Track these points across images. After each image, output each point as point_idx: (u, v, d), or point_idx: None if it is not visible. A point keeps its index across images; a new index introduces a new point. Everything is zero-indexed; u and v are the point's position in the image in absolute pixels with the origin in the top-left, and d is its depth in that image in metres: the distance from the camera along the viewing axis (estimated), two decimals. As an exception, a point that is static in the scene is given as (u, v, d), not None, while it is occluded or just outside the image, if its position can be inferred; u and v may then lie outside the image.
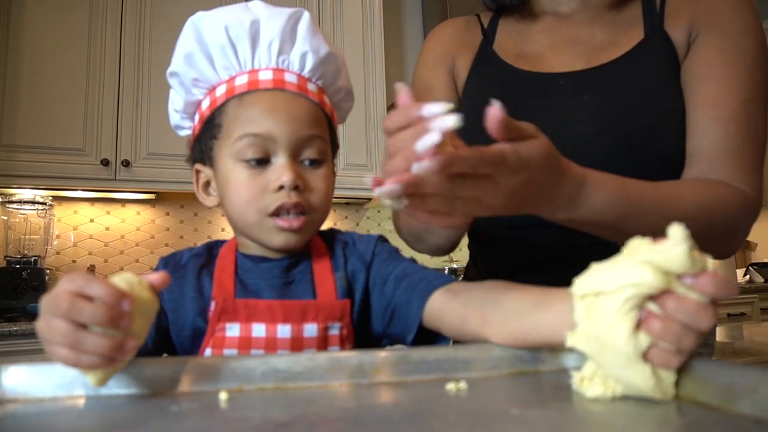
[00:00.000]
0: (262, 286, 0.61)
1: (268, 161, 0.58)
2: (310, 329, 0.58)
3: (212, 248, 0.65)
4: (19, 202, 2.07)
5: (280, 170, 0.57)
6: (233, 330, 0.57)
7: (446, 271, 2.54)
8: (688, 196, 0.58)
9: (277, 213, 0.58)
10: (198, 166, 0.64)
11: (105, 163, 2.03)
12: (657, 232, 0.55)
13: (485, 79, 0.77)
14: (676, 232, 0.31)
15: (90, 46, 2.08)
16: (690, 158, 0.66)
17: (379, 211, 2.84)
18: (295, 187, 0.58)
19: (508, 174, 0.43)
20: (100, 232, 2.30)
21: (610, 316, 0.31)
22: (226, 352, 0.56)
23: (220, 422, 0.32)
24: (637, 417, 0.30)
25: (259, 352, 0.57)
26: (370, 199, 2.62)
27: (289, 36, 0.61)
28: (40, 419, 0.34)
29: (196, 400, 0.37)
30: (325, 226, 0.66)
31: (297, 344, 0.58)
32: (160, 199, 2.36)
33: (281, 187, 0.57)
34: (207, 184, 0.64)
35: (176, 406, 0.35)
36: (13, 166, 1.93)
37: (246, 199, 0.58)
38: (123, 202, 2.34)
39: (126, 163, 2.06)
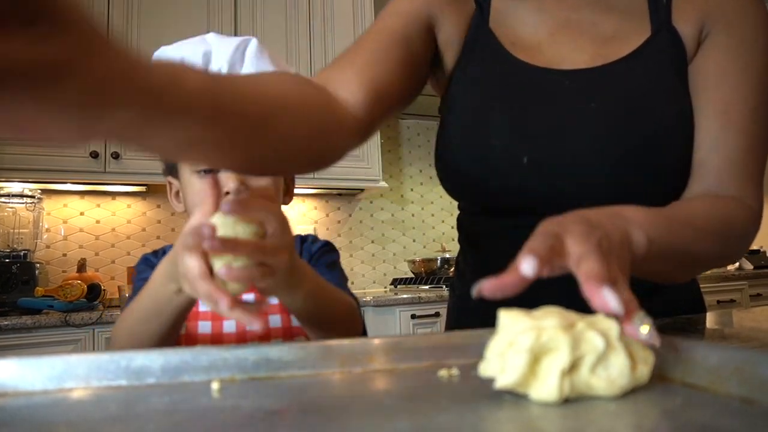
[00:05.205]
0: None
1: (218, 171, 0.66)
2: (274, 299, 0.68)
3: None
4: (8, 195, 2.05)
5: (226, 178, 0.65)
6: (203, 306, 0.68)
7: (438, 262, 2.54)
8: (702, 223, 0.55)
9: None
10: (169, 178, 0.76)
11: (94, 155, 2.01)
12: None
13: (486, 70, 0.67)
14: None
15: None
16: (697, 170, 0.62)
17: (371, 202, 2.84)
18: (240, 193, 0.67)
19: None
20: (90, 225, 2.29)
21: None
22: (200, 324, 0.70)
23: (212, 412, 0.32)
24: (627, 399, 0.31)
25: (230, 322, 0.67)
26: (362, 190, 2.62)
27: (238, 61, 0.71)
28: (30, 412, 0.34)
29: (187, 390, 0.37)
30: (318, 217, 0.71)
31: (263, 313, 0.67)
32: (150, 191, 2.35)
33: (227, 193, 0.65)
34: (177, 193, 0.76)
35: (168, 396, 0.35)
36: (1, 159, 1.91)
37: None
38: (113, 194, 2.33)
39: (116, 156, 2.04)
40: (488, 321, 0.43)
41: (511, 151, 0.62)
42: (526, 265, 0.32)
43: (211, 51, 0.71)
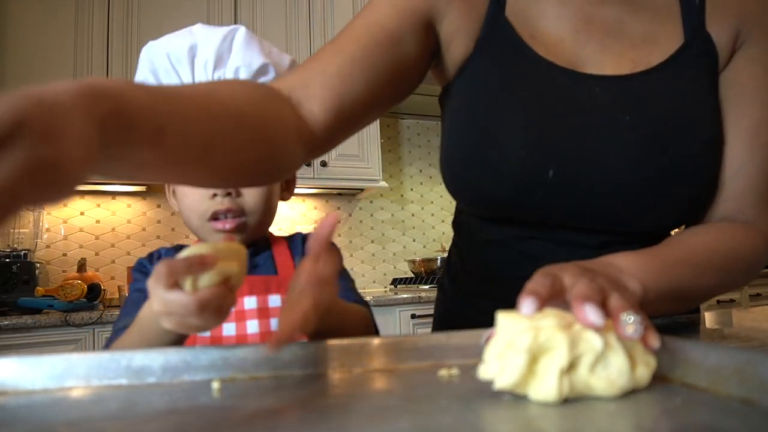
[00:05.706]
0: None
1: None
2: (275, 300, 0.67)
3: (180, 247, 0.75)
4: (8, 195, 2.05)
5: None
6: None
7: (438, 262, 2.54)
8: (702, 259, 0.54)
9: (215, 217, 0.67)
10: None
11: (94, 155, 2.01)
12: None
13: (502, 65, 0.60)
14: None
15: (77, 37, 2.05)
16: (721, 190, 0.60)
17: (371, 202, 2.84)
18: (228, 194, 0.66)
19: None
20: (90, 225, 2.29)
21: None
22: None
23: (212, 411, 0.32)
24: (627, 399, 0.31)
25: (230, 324, 0.65)
26: (362, 190, 2.62)
27: (226, 52, 0.69)
28: (30, 411, 0.34)
29: (187, 389, 0.37)
30: (318, 217, 0.71)
31: (264, 314, 0.67)
32: (150, 191, 2.35)
33: (215, 195, 0.65)
34: (174, 191, 0.75)
35: (168, 395, 0.35)
36: (1, 159, 1.91)
37: (188, 206, 0.68)
38: (113, 194, 2.32)
39: (115, 155, 2.04)
40: (479, 326, 0.43)
41: (534, 161, 0.57)
42: (526, 308, 0.33)
43: (197, 44, 0.69)
